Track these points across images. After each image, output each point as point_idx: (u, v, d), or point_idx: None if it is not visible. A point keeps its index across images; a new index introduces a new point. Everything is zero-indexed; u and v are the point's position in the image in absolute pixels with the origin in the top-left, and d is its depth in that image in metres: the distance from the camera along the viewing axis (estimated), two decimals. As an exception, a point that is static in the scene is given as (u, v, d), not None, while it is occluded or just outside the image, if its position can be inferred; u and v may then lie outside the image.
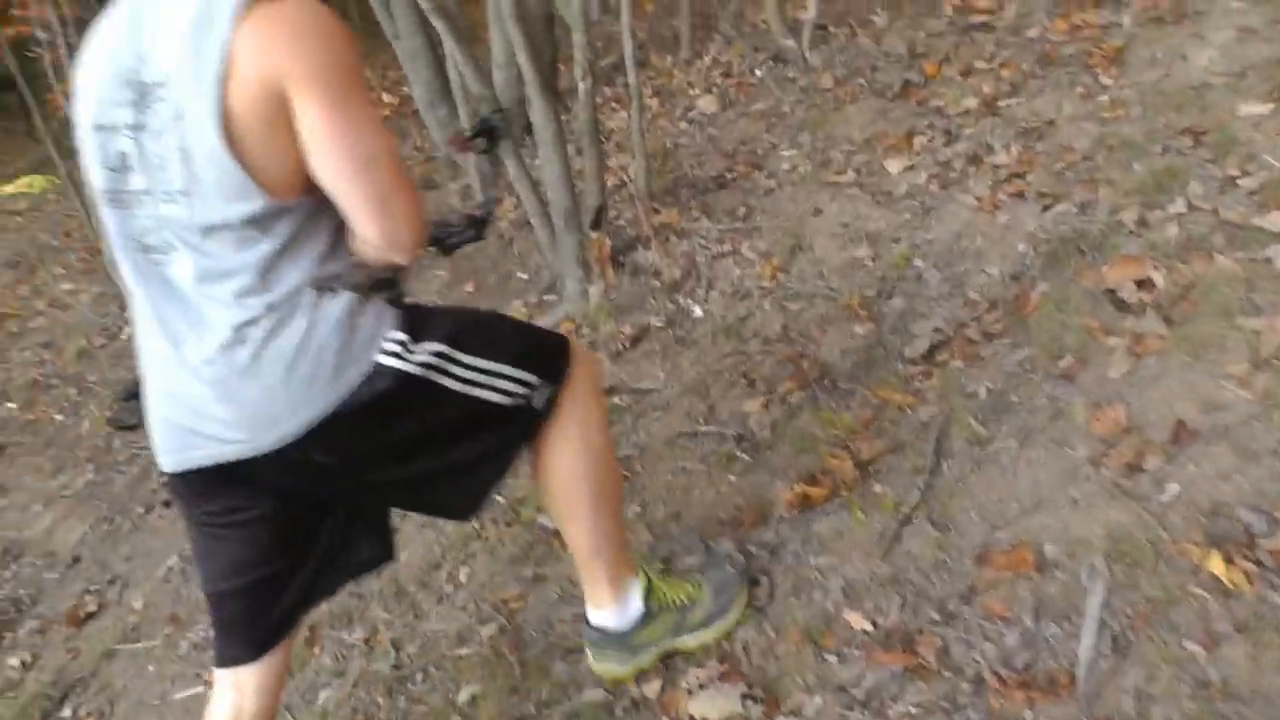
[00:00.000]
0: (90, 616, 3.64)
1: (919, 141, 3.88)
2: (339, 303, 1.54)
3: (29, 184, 10.18)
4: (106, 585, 3.83)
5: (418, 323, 1.62)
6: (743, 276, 3.49)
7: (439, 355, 1.61)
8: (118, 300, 6.45)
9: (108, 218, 1.53)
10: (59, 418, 5.66)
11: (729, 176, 4.25)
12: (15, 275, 8.13)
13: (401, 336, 1.58)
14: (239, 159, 1.40)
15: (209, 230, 1.45)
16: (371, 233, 1.48)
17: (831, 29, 5.33)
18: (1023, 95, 3.99)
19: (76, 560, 4.24)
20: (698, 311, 3.40)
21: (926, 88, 4.40)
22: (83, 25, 5.43)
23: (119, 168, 1.48)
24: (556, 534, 2.70)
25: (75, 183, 6.19)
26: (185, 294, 1.50)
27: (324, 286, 1.53)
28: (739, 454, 2.63)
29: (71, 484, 4.89)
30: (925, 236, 3.24)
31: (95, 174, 1.51)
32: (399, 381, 1.57)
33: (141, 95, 1.43)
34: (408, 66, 5.44)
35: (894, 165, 3.77)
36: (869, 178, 3.78)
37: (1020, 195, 3.27)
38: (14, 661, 3.50)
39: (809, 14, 5.14)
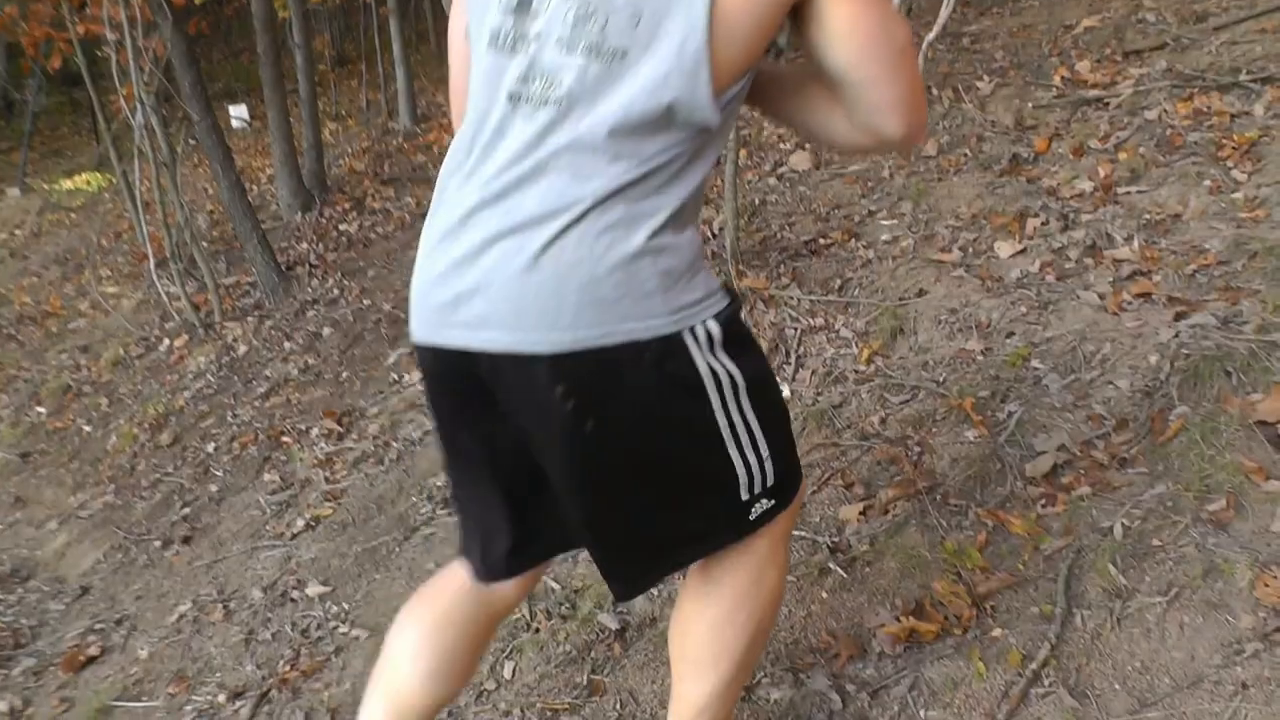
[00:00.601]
0: (91, 661, 3.45)
1: (1031, 224, 3.64)
2: (684, 249, 1.35)
3: (87, 181, 10.15)
4: (113, 625, 3.64)
5: (736, 332, 1.42)
6: (836, 357, 3.26)
7: (731, 379, 1.40)
8: (160, 309, 6.32)
9: (479, 59, 1.38)
10: (87, 429, 5.52)
11: (822, 243, 4.03)
12: (63, 272, 8.06)
13: (716, 330, 1.37)
14: (710, 45, 1.24)
15: (615, 108, 1.27)
16: (900, 124, 1.33)
17: (934, 90, 5.11)
18: (1143, 183, 3.76)
19: (85, 591, 4.06)
20: (785, 391, 3.17)
21: (1036, 165, 4.17)
22: (152, 28, 5.32)
23: (521, 9, 1.32)
24: (620, 636, 2.46)
25: (129, 183, 6.07)
26: (533, 152, 1.31)
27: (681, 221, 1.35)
28: (833, 567, 2.39)
29: (90, 504, 4.74)
30: (1043, 334, 3.00)
31: (489, 11, 1.36)
32: (682, 368, 1.35)
33: None
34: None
35: (1004, 248, 3.54)
36: (976, 259, 3.54)
37: (1148, 298, 3.03)
38: (2, 706, 3.29)
39: (912, 74, 4.93)
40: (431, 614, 1.65)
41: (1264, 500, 2.16)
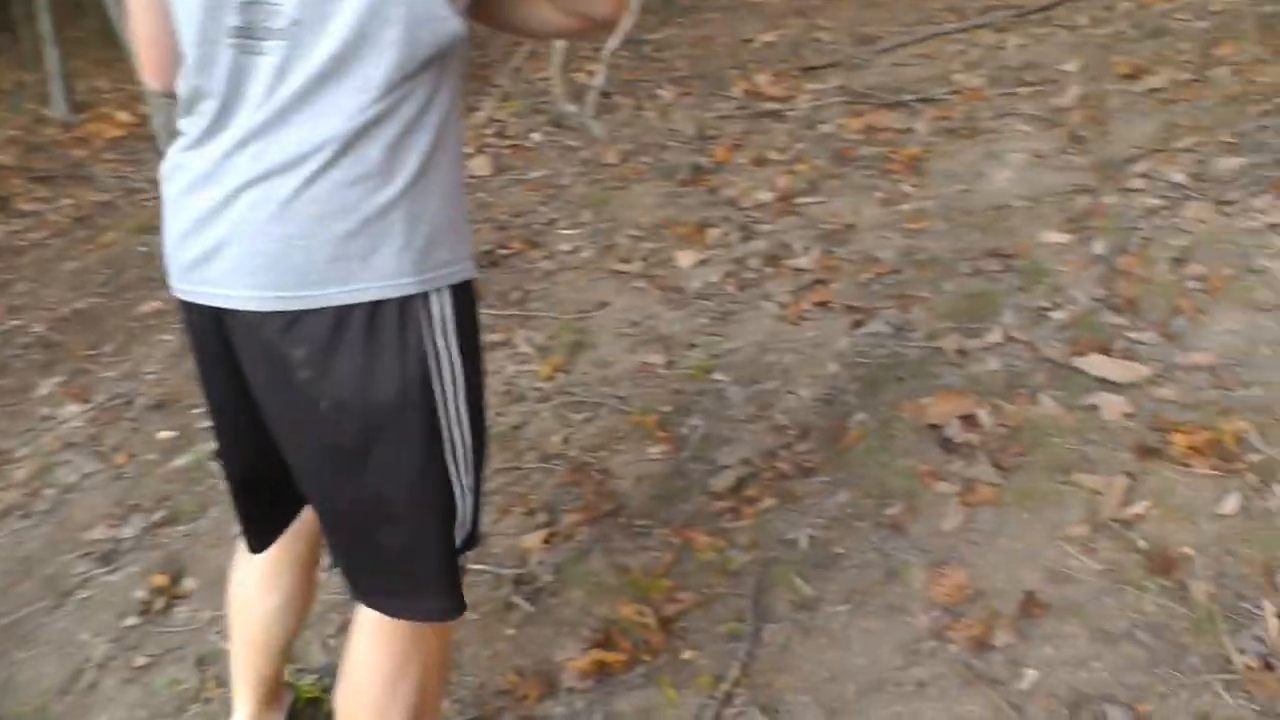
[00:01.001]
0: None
1: (712, 234, 3.70)
2: (444, 194, 1.28)
3: None
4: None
5: (471, 315, 1.37)
6: (517, 374, 3.16)
7: (453, 373, 1.33)
8: None
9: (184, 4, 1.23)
10: None
11: (502, 253, 3.93)
12: None
13: (449, 306, 1.31)
14: None
15: (343, 33, 1.16)
16: (609, 3, 1.32)
17: (617, 98, 5.14)
18: (820, 194, 3.90)
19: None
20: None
21: (717, 174, 4.26)
22: None
23: None
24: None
25: None
26: (274, 94, 1.20)
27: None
28: (518, 601, 2.28)
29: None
30: (725, 345, 3.02)
31: None
32: (414, 340, 1.28)
33: None
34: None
35: (685, 258, 3.56)
36: (658, 269, 3.55)
37: (826, 306, 3.11)
38: None
39: (596, 80, 4.94)
40: (256, 570, 1.70)
41: (934, 501, 2.24)
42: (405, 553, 1.40)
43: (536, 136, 4.93)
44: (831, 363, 2.81)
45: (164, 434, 3.63)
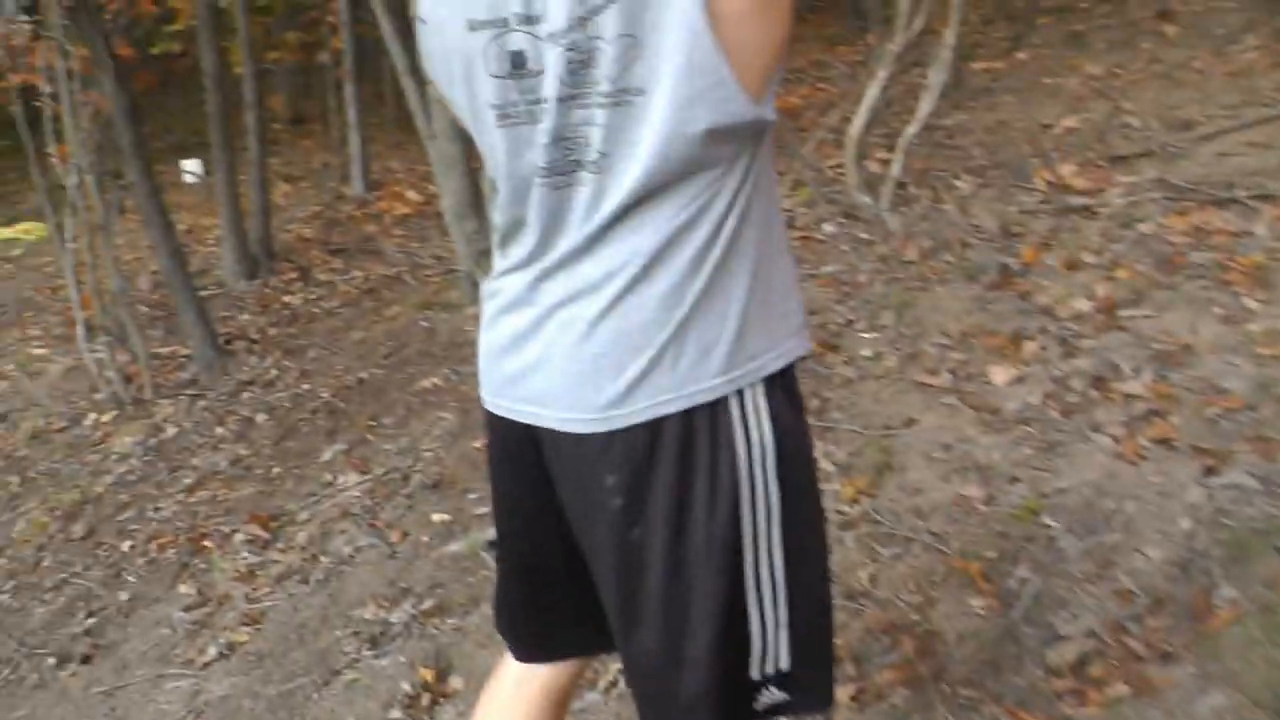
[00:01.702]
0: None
1: (1028, 348, 3.29)
2: (744, 278, 1.19)
3: (27, 230, 9.58)
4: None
5: (787, 406, 1.26)
6: (817, 493, 2.85)
7: (765, 480, 1.22)
8: (88, 379, 5.80)
9: (492, 139, 1.20)
10: (-7, 510, 4.97)
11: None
12: (-6, 322, 7.49)
13: (760, 406, 1.22)
14: (719, 37, 1.07)
15: (651, 152, 1.11)
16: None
17: (912, 188, 4.79)
18: (1147, 306, 3.43)
19: (-35, 712, 3.53)
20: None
21: (1027, 277, 3.84)
22: (90, 82, 4.88)
23: (517, 72, 1.14)
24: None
25: (62, 236, 5.57)
26: (586, 224, 1.17)
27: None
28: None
29: (-15, 602, 4.19)
30: (1053, 484, 2.63)
31: (478, 85, 1.17)
32: (719, 447, 1.19)
33: None
34: (439, 171, 4.88)
35: (999, 374, 3.18)
36: (969, 384, 3.18)
37: (1168, 444, 2.67)
38: None
39: (892, 169, 4.61)
40: (495, 706, 1.56)
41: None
42: (694, 700, 1.26)
43: (829, 228, 4.63)
44: (1184, 518, 2.38)
45: (438, 516, 3.54)
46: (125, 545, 4.18)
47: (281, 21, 9.30)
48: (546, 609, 1.46)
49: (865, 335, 3.65)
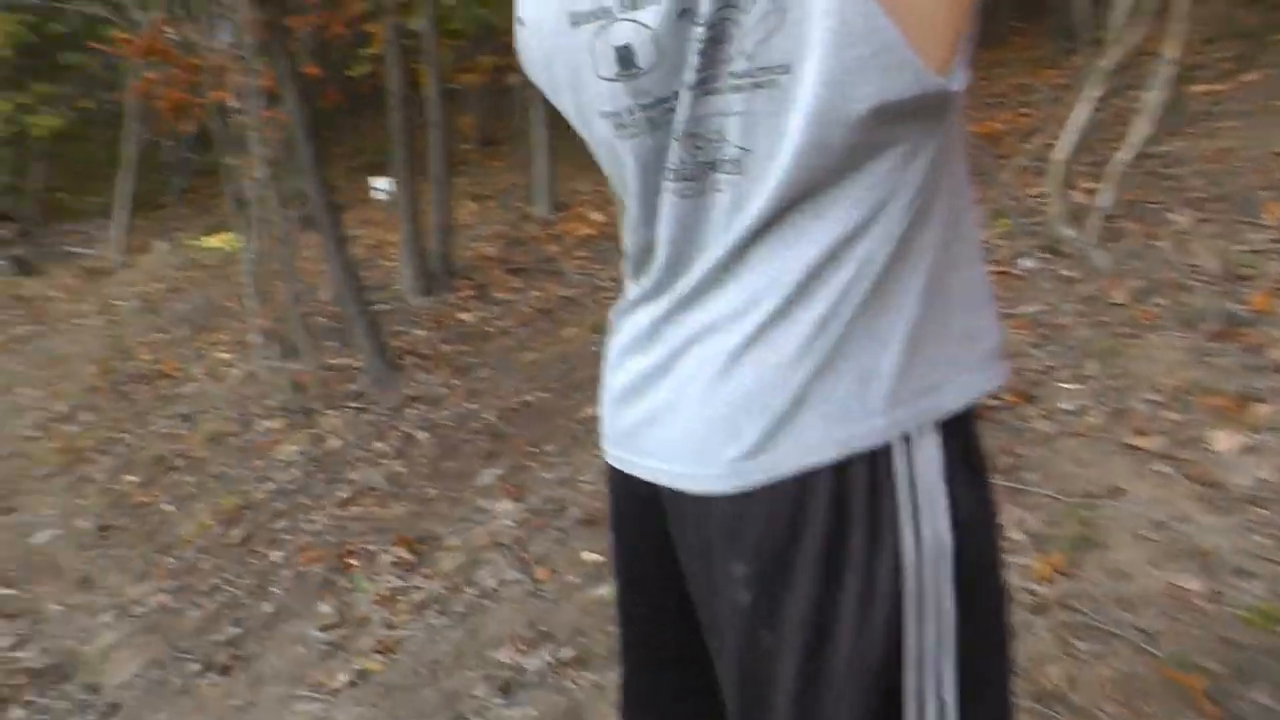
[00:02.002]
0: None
1: (1260, 412, 2.80)
2: (916, 288, 0.92)
3: (226, 239, 9.92)
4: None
5: (968, 466, 0.96)
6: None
7: (937, 548, 0.92)
8: (262, 386, 5.83)
9: (614, 152, 0.97)
10: (168, 508, 5.02)
11: (990, 403, 3.23)
12: (187, 332, 7.70)
13: (932, 459, 0.92)
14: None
15: (803, 143, 0.84)
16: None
17: (1122, 222, 4.29)
18: None
19: (113, 710, 3.50)
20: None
21: (1256, 327, 3.32)
22: (274, 99, 4.88)
23: (627, 71, 0.89)
24: None
25: (248, 252, 5.62)
26: (723, 236, 0.92)
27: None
28: None
29: (147, 599, 4.19)
30: (1296, 582, 2.16)
31: (587, 91, 0.94)
32: (876, 507, 0.90)
33: None
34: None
35: (1224, 440, 2.71)
36: (1187, 451, 2.72)
37: None
38: None
39: (1100, 199, 4.12)
40: None
41: None
42: None
43: (1028, 263, 4.17)
44: None
45: (589, 555, 3.28)
46: (275, 555, 4.10)
47: (474, 45, 9.34)
48: (664, 688, 1.23)
49: (1066, 386, 3.20)
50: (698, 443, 0.96)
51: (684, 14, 0.84)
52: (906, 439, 0.90)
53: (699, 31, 0.83)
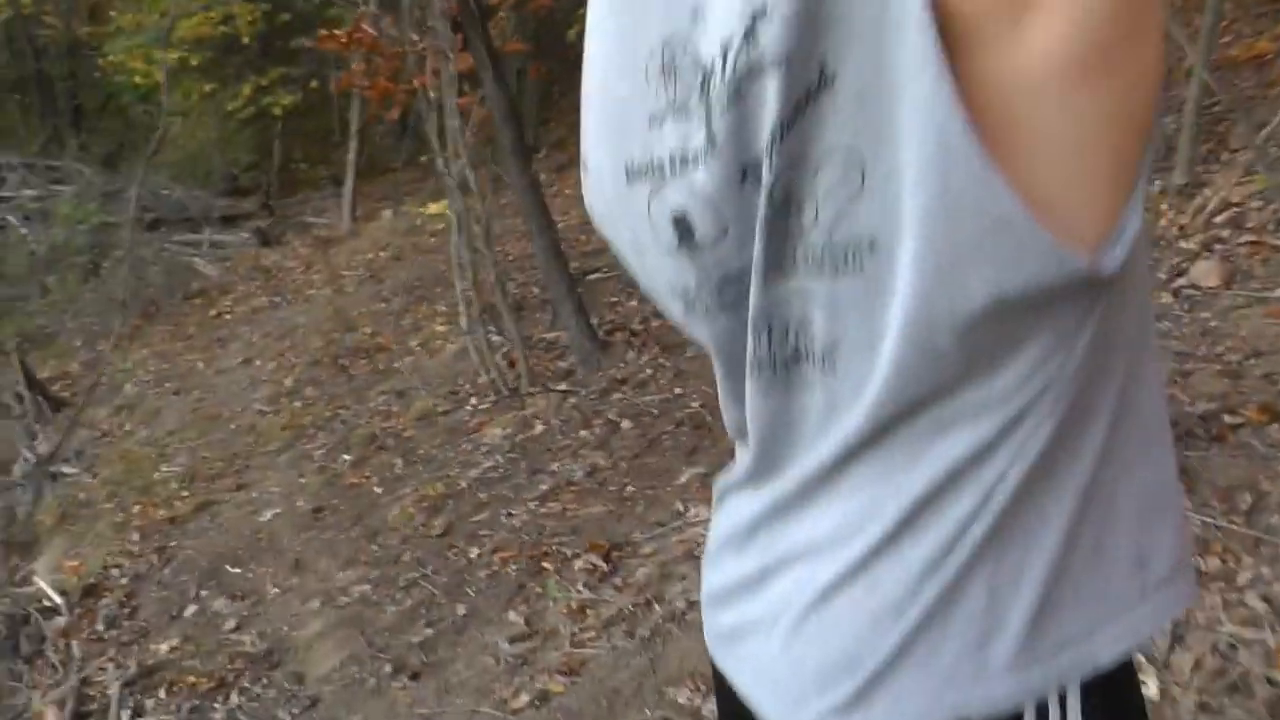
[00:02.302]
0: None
1: None
2: (1061, 516, 0.71)
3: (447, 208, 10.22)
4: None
5: None
6: (1234, 640, 2.15)
7: None
8: (473, 362, 5.90)
9: (691, 329, 0.82)
10: (377, 490, 5.18)
11: (1227, 420, 2.85)
12: (406, 302, 7.95)
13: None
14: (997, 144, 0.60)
15: (904, 339, 0.66)
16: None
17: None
18: None
19: (313, 704, 3.64)
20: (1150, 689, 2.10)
21: None
22: (475, 83, 4.88)
23: (683, 244, 0.74)
24: None
25: (455, 230, 5.69)
26: (807, 446, 0.77)
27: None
28: None
29: (351, 589, 4.33)
30: None
31: (650, 261, 0.79)
32: None
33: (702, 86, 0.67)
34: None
35: None
36: None
37: None
38: None
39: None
40: None
41: None
42: None
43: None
44: None
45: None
46: (473, 552, 4.14)
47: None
48: None
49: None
50: (785, 681, 0.81)
51: (745, 176, 0.66)
52: (1041, 706, 0.71)
53: (763, 198, 0.66)
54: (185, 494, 5.89)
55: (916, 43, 0.57)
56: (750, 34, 0.62)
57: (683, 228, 0.72)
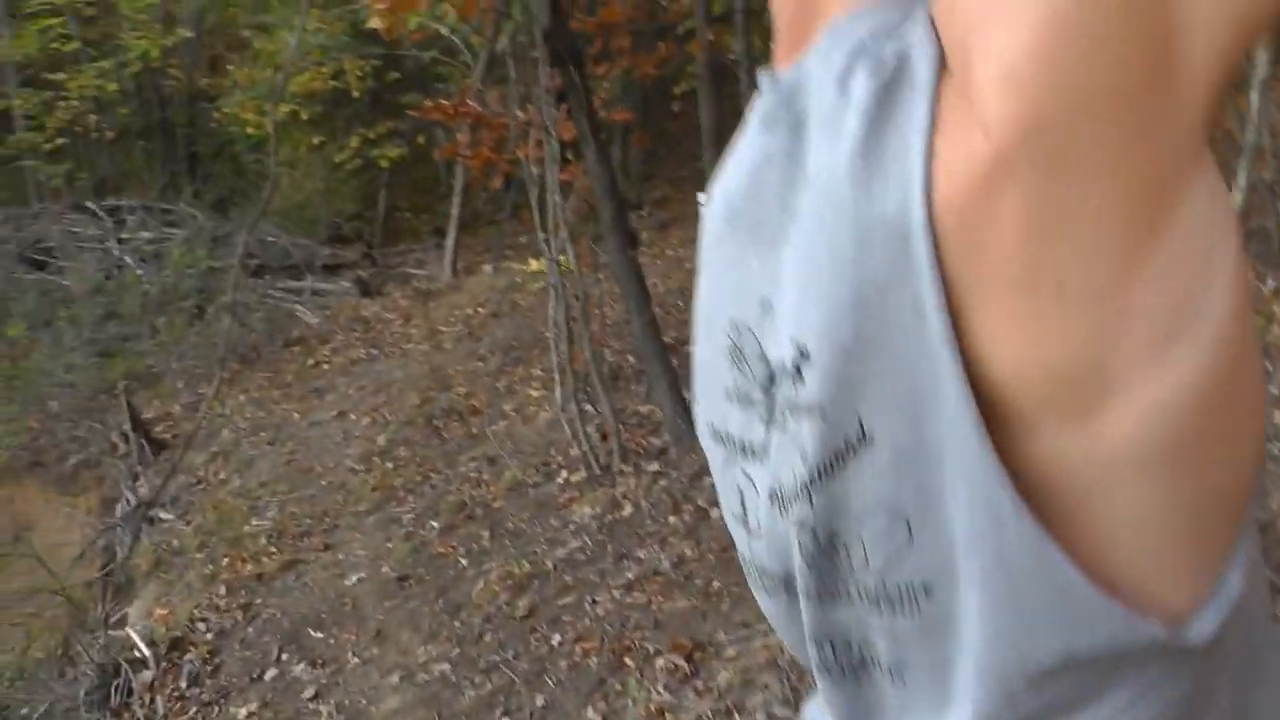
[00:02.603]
0: None
1: None
2: None
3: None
4: None
5: None
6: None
7: None
8: (566, 432, 5.88)
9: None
10: (463, 562, 5.16)
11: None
12: (503, 362, 7.97)
13: None
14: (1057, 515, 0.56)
15: (980, 689, 0.61)
16: None
17: None
18: None
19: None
20: None
21: None
22: (576, 153, 4.90)
23: (743, 521, 0.72)
24: None
25: (553, 298, 5.69)
26: None
27: None
28: None
29: (431, 666, 4.31)
30: None
31: (735, 530, 0.75)
32: None
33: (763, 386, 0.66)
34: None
35: None
36: None
37: None
38: None
39: None
40: None
41: None
42: None
43: None
44: None
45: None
46: (555, 639, 4.09)
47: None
48: None
49: None
50: None
51: (785, 506, 0.64)
52: None
53: (806, 536, 0.63)
54: (273, 550, 5.96)
55: (955, 418, 0.53)
56: (798, 369, 0.60)
57: (741, 507, 0.71)
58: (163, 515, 7.20)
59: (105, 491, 8.43)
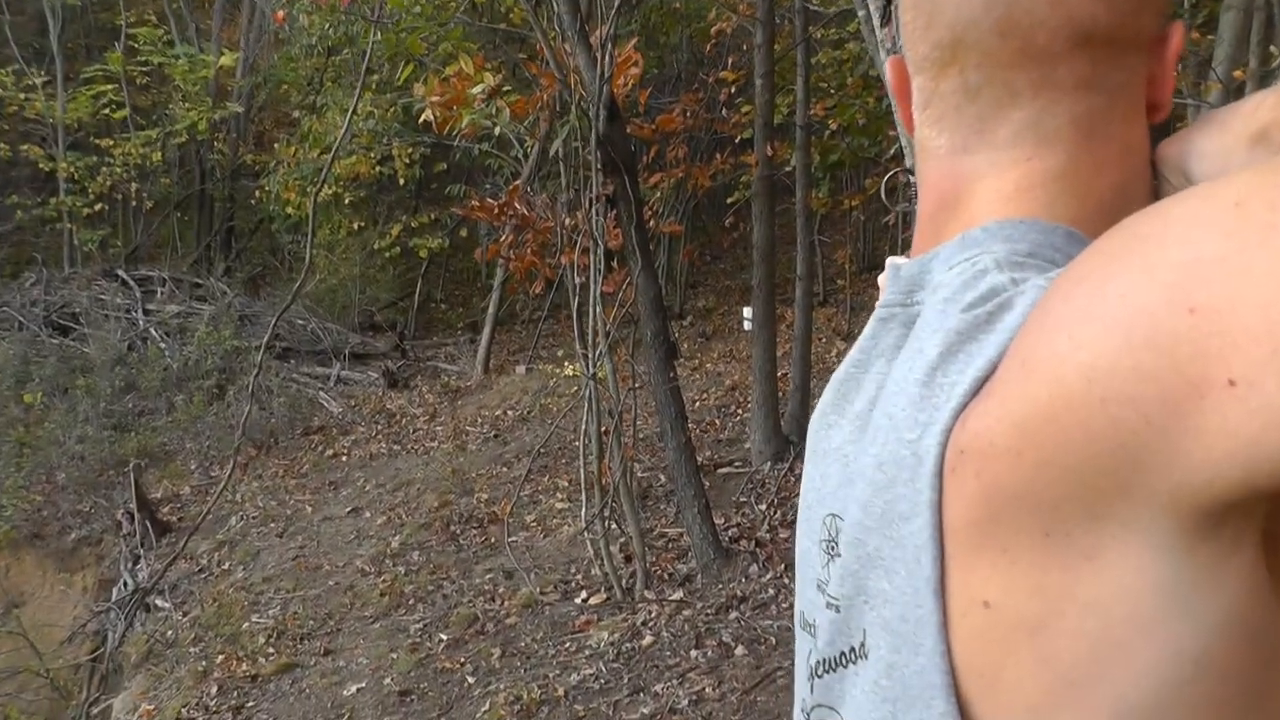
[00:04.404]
0: None
1: None
2: None
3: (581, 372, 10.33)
4: None
5: None
6: None
7: None
8: (584, 547, 5.84)
9: None
10: (470, 679, 5.07)
11: None
12: (528, 468, 7.93)
13: None
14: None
15: None
16: None
17: None
18: None
19: None
20: None
21: None
22: (622, 262, 4.93)
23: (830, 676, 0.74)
24: None
25: (586, 414, 5.69)
26: None
27: None
28: None
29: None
30: None
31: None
32: None
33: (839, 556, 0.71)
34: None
35: None
36: None
37: None
38: None
39: None
40: None
41: None
42: None
43: None
44: None
45: None
46: (562, 779, 3.97)
47: (855, 174, 9.30)
48: None
49: None
50: None
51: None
52: None
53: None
54: (271, 650, 5.88)
55: (928, 668, 0.59)
56: (829, 558, 0.68)
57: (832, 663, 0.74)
58: (160, 603, 7.16)
59: (104, 571, 8.41)
